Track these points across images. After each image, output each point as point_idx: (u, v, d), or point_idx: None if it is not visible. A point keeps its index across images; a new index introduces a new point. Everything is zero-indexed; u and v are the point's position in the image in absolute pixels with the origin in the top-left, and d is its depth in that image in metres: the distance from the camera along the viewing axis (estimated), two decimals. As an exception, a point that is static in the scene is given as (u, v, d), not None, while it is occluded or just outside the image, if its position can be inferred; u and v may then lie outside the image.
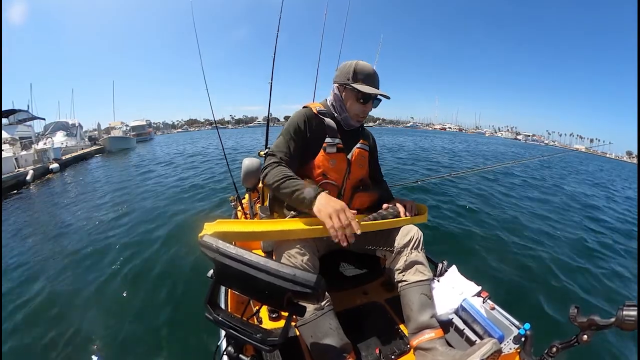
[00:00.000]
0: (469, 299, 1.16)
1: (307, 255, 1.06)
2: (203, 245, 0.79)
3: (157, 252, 3.35)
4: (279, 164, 1.16)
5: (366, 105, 1.28)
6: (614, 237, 4.65)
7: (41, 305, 2.50)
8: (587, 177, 13.00)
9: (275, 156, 1.19)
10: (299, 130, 1.24)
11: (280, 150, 1.20)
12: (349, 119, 1.32)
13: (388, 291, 1.51)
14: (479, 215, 4.90)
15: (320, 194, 1.05)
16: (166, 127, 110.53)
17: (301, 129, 1.24)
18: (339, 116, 1.32)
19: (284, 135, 1.24)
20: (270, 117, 2.58)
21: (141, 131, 35.24)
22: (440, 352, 0.98)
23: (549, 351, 0.87)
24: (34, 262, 3.33)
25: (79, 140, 19.31)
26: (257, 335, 0.75)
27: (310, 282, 0.68)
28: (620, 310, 0.72)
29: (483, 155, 17.36)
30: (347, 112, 1.31)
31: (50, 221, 5.00)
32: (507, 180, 8.51)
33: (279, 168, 1.14)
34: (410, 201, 1.37)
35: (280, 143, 1.23)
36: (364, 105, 1.27)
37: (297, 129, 1.24)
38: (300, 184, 1.08)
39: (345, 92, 1.28)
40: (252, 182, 2.00)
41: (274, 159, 1.18)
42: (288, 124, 1.26)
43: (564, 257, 3.57)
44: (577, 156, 34.51)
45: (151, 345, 2.02)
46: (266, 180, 1.15)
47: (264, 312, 1.28)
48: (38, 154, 11.15)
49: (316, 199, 1.04)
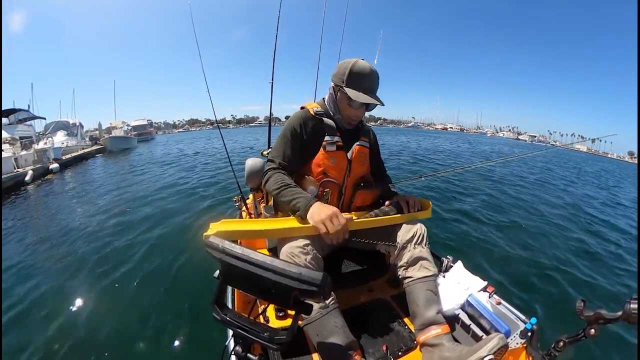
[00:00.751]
0: (474, 294, 1.15)
1: (311, 254, 1.06)
2: (209, 246, 0.79)
3: (160, 252, 3.36)
4: (278, 170, 1.20)
5: (358, 110, 1.28)
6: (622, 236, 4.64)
7: (41, 305, 2.52)
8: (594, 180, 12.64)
9: (274, 162, 1.22)
10: (296, 133, 1.25)
11: (278, 155, 1.23)
12: (342, 120, 1.32)
13: (393, 288, 1.51)
14: (486, 211, 4.91)
15: (314, 204, 1.08)
16: (167, 127, 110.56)
17: (297, 131, 1.25)
18: (334, 116, 1.32)
19: (281, 139, 1.26)
20: (271, 116, 2.57)
21: (142, 131, 34.97)
22: (446, 348, 0.98)
23: (556, 346, 0.87)
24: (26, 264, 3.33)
25: (80, 140, 19.14)
26: (265, 334, 0.75)
27: (316, 280, 0.69)
28: (627, 303, 0.72)
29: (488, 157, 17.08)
30: (340, 114, 1.31)
31: (47, 223, 4.96)
32: (511, 179, 8.50)
33: (277, 175, 1.18)
34: (413, 197, 1.37)
35: (278, 148, 1.25)
36: (355, 110, 1.27)
37: (294, 132, 1.25)
38: (296, 192, 1.12)
39: (340, 93, 1.27)
40: (255, 182, 2.00)
41: (272, 165, 1.22)
42: (285, 128, 1.27)
43: (570, 252, 3.56)
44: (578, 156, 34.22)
45: (159, 346, 2.04)
46: (266, 187, 1.21)
47: (270, 311, 1.29)
48: (38, 154, 10.93)
49: (309, 209, 1.07)
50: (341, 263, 1.39)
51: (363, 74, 1.21)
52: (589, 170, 15.67)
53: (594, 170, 17.36)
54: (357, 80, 1.21)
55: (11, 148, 10.30)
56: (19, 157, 10.05)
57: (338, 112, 1.31)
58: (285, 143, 1.24)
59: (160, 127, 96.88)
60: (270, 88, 2.40)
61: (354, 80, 1.21)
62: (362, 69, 1.21)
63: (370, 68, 1.23)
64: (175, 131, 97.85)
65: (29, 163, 10.34)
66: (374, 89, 1.25)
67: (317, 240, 1.14)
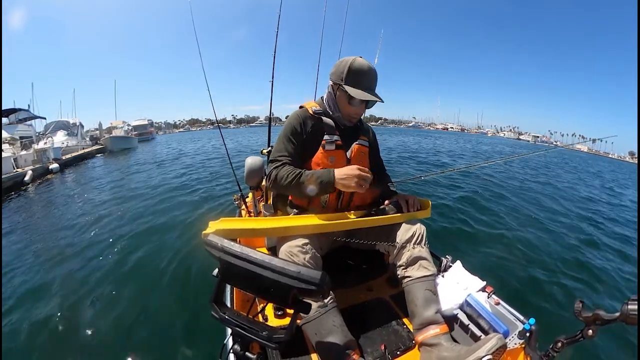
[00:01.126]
0: (473, 294, 1.16)
1: (310, 253, 1.07)
2: (208, 244, 0.79)
3: (160, 252, 3.36)
4: (285, 164, 1.20)
5: (358, 108, 1.28)
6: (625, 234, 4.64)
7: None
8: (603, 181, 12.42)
9: (279, 161, 1.22)
10: (296, 132, 1.25)
11: (282, 155, 1.23)
12: (342, 118, 1.32)
13: (392, 287, 1.51)
14: (486, 210, 4.91)
15: (335, 170, 1.16)
16: (168, 127, 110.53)
17: (297, 130, 1.26)
18: (333, 115, 1.32)
19: (282, 139, 1.26)
20: (272, 116, 2.58)
21: (143, 131, 34.79)
22: (445, 348, 0.98)
23: (554, 346, 0.87)
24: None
25: (80, 140, 19.00)
26: (263, 332, 0.76)
27: (315, 279, 0.69)
28: (625, 304, 0.72)
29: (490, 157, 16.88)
30: (340, 112, 1.31)
31: (46, 223, 4.95)
32: (511, 180, 8.50)
33: (287, 167, 1.19)
34: (413, 196, 1.37)
35: (280, 148, 1.25)
36: (355, 107, 1.27)
37: (294, 131, 1.26)
38: (313, 172, 1.17)
39: (339, 92, 1.27)
40: (255, 181, 2.00)
41: (277, 163, 1.22)
42: (284, 128, 1.28)
43: (569, 253, 3.56)
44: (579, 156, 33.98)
45: (157, 344, 2.04)
46: (278, 181, 1.18)
47: (269, 309, 1.29)
48: (37, 154, 10.79)
49: (335, 174, 1.14)
50: (340, 262, 1.39)
51: (362, 72, 1.22)
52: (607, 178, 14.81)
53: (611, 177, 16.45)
54: (356, 77, 1.21)
55: (11, 148, 10.20)
56: (18, 157, 9.96)
57: (338, 110, 1.31)
58: (286, 142, 1.25)
59: (160, 127, 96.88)
60: (271, 87, 2.40)
61: (353, 78, 1.21)
62: (360, 67, 1.22)
63: (368, 65, 1.24)
64: (176, 131, 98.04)
65: (29, 163, 10.24)
66: (373, 87, 1.26)
67: (315, 239, 1.14)
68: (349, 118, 1.32)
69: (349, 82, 1.21)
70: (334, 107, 1.31)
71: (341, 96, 1.26)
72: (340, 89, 1.25)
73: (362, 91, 1.21)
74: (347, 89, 1.20)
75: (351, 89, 1.20)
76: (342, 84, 1.22)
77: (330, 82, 1.30)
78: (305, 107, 1.32)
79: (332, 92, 1.30)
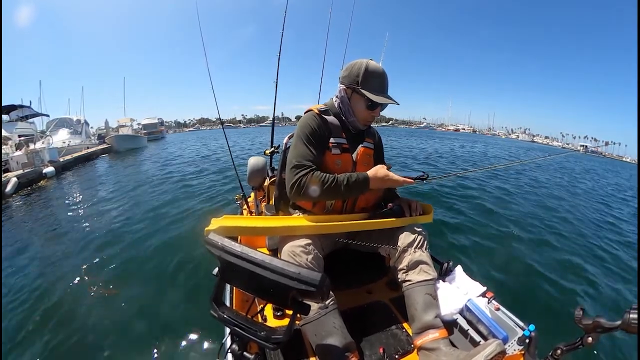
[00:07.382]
0: (473, 299, 1.15)
1: (313, 254, 1.07)
2: (208, 243, 0.80)
3: (160, 251, 3.38)
4: (313, 170, 1.14)
5: (375, 111, 1.27)
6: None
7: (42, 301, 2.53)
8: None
9: (304, 166, 1.14)
10: (317, 133, 1.21)
11: (307, 160, 1.16)
12: (357, 122, 1.29)
13: (393, 290, 1.51)
14: (489, 215, 4.88)
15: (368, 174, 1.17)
16: (178, 126, 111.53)
17: (318, 132, 1.21)
18: (346, 119, 1.30)
19: (304, 142, 1.19)
20: (281, 116, 2.60)
21: (153, 129, 32.78)
22: (444, 353, 0.98)
23: (554, 353, 0.86)
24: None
25: (85, 139, 17.38)
26: (262, 333, 0.76)
27: (314, 280, 0.69)
28: (627, 313, 0.71)
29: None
30: (354, 117, 1.28)
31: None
32: (513, 180, 8.44)
33: (318, 173, 1.13)
34: (415, 200, 1.37)
35: (303, 152, 1.17)
36: (372, 111, 1.26)
37: (315, 132, 1.20)
38: (347, 175, 1.16)
39: (354, 95, 1.25)
40: (257, 181, 2.01)
41: (303, 170, 1.13)
42: (303, 131, 1.21)
43: (571, 259, 3.53)
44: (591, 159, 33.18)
45: (155, 342, 2.04)
46: (311, 190, 1.11)
47: (268, 310, 1.29)
48: (29, 155, 9.02)
49: (369, 175, 1.17)
50: (341, 264, 1.39)
51: (377, 75, 1.21)
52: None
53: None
54: (372, 81, 1.20)
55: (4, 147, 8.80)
56: (9, 159, 8.55)
57: (351, 115, 1.28)
58: (308, 145, 1.19)
59: (170, 126, 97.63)
60: (275, 88, 2.42)
61: (369, 81, 1.20)
62: (375, 70, 1.21)
63: (382, 68, 1.24)
64: (186, 130, 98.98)
65: (20, 167, 8.63)
66: (386, 89, 1.26)
67: (318, 240, 1.14)
68: (365, 122, 1.31)
69: (366, 86, 1.20)
70: (348, 112, 1.28)
71: (357, 100, 1.24)
72: (355, 93, 1.23)
73: (381, 95, 1.21)
74: (365, 94, 1.19)
75: (370, 93, 1.19)
76: (359, 88, 1.20)
77: (343, 86, 1.26)
78: (313, 110, 1.29)
79: (345, 96, 1.27)
